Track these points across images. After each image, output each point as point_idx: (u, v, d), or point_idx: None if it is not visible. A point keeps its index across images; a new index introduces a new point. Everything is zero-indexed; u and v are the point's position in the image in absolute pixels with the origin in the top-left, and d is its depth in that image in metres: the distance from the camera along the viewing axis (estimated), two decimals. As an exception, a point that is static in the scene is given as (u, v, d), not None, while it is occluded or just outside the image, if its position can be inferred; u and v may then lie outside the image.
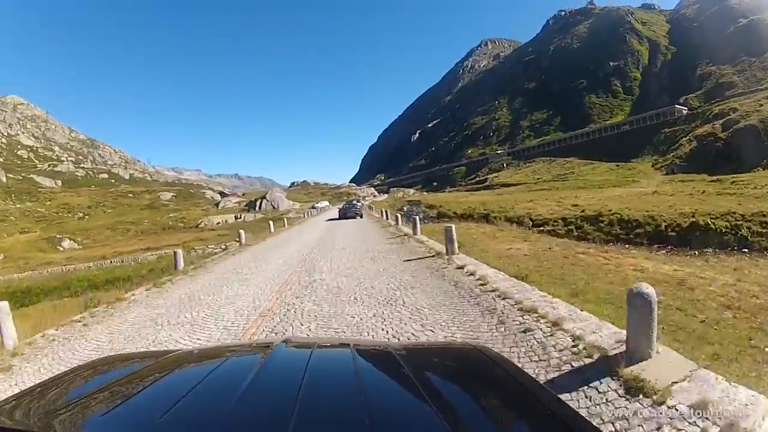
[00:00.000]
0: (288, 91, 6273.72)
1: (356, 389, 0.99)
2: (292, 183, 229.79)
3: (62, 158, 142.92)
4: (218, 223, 45.72)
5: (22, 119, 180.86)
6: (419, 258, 9.38)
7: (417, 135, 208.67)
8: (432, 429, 0.81)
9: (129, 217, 57.13)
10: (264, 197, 57.01)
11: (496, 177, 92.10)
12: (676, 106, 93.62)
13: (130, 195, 79.90)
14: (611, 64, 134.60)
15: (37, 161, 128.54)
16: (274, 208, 54.54)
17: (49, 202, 74.98)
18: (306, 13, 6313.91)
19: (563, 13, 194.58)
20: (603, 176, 68.73)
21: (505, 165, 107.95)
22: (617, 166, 79.52)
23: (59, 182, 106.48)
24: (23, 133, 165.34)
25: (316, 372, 1.08)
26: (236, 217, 47.67)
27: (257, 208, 54.46)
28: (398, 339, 4.39)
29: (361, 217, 27.77)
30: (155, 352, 1.79)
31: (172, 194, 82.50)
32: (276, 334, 5.04)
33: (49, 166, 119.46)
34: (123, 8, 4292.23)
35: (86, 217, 65.04)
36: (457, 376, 1.25)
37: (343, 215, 28.26)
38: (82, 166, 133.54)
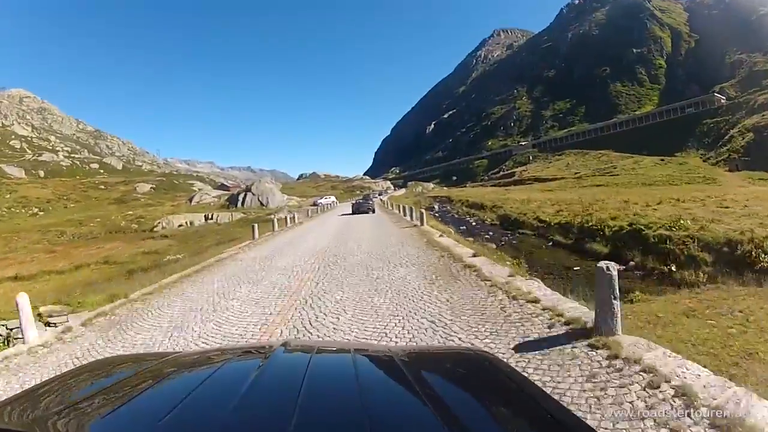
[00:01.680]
0: (302, 85, 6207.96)
1: (356, 394, 0.94)
2: (301, 175, 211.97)
3: (57, 149, 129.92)
4: (180, 226, 32.03)
5: (27, 111, 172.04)
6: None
7: (432, 126, 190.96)
8: None
9: (83, 215, 43.52)
10: (249, 190, 41.72)
11: (524, 171, 77.52)
12: (716, 95, 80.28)
13: (102, 187, 65.86)
14: (634, 51, 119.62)
15: (30, 151, 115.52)
16: (261, 204, 40.41)
17: (8, 195, 61.42)
18: (319, 9, 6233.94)
19: (577, 1, 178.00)
20: (659, 172, 54.39)
21: (531, 157, 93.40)
22: (662, 160, 65.80)
23: (42, 173, 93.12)
24: (19, 123, 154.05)
25: (316, 376, 1.03)
26: (207, 217, 33.95)
27: (239, 204, 40.30)
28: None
29: (373, 212, 27.35)
30: (155, 354, 1.66)
31: (150, 186, 68.23)
32: None
33: (34, 155, 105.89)
34: (138, 7, 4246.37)
35: (41, 213, 51.40)
36: (459, 382, 1.17)
37: (357, 210, 28.41)
38: (73, 156, 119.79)
